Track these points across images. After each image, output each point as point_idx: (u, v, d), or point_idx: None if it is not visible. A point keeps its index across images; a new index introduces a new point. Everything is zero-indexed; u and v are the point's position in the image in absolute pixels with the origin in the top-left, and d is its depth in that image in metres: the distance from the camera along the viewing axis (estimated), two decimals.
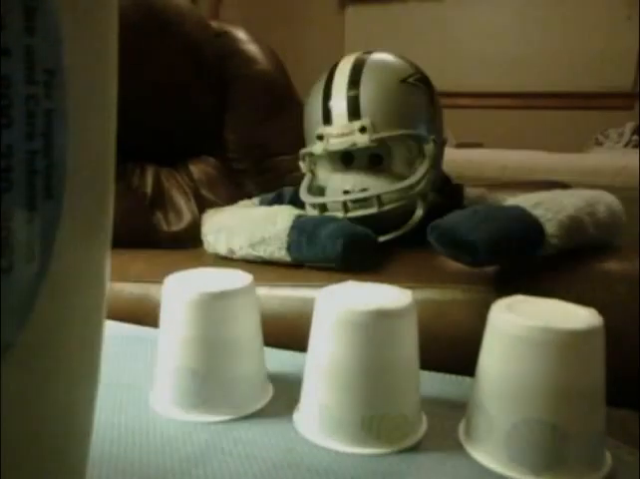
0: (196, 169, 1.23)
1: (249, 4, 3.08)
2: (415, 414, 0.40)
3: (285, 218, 0.76)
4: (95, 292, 0.22)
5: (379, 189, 0.80)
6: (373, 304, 0.37)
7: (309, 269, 0.72)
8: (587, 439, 0.36)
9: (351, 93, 0.82)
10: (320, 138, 0.83)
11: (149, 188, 1.11)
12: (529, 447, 0.35)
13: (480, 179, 1.43)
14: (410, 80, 0.85)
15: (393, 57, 0.88)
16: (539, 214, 0.64)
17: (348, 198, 0.80)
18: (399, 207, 0.81)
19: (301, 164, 0.90)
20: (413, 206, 0.83)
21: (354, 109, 0.82)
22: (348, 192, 0.81)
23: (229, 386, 0.42)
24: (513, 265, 0.66)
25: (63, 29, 0.17)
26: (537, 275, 0.66)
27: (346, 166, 0.85)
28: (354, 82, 0.83)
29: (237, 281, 0.42)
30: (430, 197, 0.84)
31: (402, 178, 0.82)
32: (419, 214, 0.82)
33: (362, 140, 0.80)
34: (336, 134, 0.82)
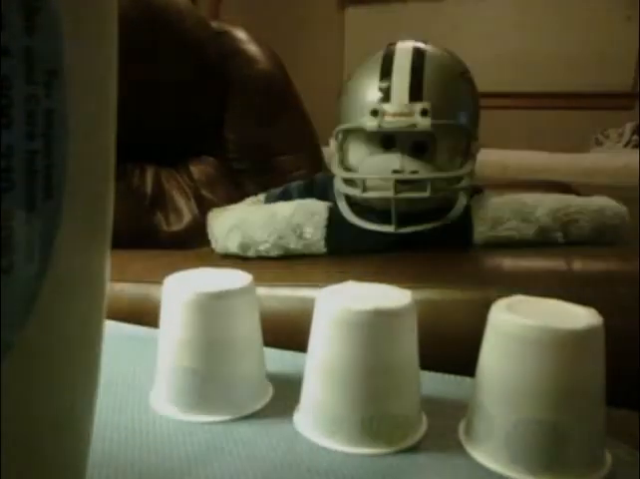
0: (196, 169, 1.23)
1: (249, 4, 3.08)
2: (415, 414, 0.40)
3: (320, 209, 0.77)
4: (95, 292, 0.22)
5: (429, 173, 0.78)
6: (372, 304, 0.37)
7: (309, 269, 0.72)
8: (587, 439, 0.36)
9: (415, 74, 0.79)
10: (375, 114, 0.78)
11: (149, 188, 1.11)
12: (529, 447, 0.35)
13: (481, 178, 1.43)
14: (466, 76, 0.85)
15: (447, 51, 0.87)
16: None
17: (399, 177, 0.77)
18: (445, 196, 0.81)
19: (332, 141, 0.87)
20: (450, 201, 0.82)
21: (417, 89, 0.78)
22: (397, 171, 0.78)
23: (229, 386, 0.42)
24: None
25: (63, 29, 0.17)
26: (537, 275, 0.66)
27: (386, 149, 0.82)
28: (418, 65, 0.80)
29: (237, 281, 0.42)
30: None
31: (443, 170, 0.81)
32: (460, 207, 0.81)
33: (424, 122, 0.76)
34: (394, 112, 0.78)
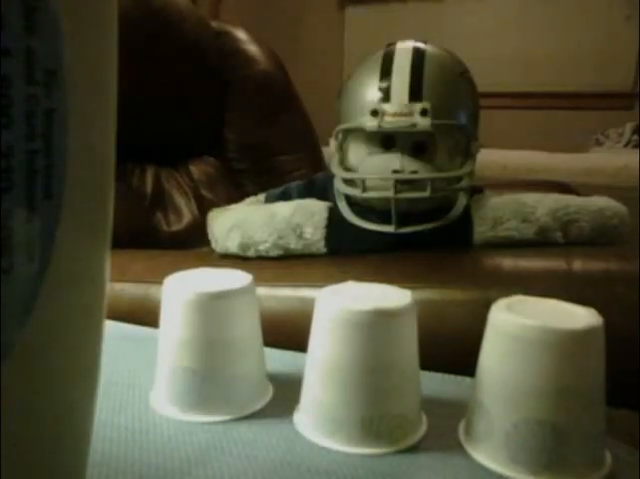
0: (196, 169, 1.23)
1: (249, 4, 3.08)
2: (415, 414, 0.40)
3: (320, 209, 0.77)
4: (95, 292, 0.22)
5: (429, 173, 0.78)
6: (372, 304, 0.37)
7: (309, 269, 0.72)
8: (587, 439, 0.36)
9: (415, 74, 0.79)
10: (375, 114, 0.78)
11: (149, 188, 1.11)
12: (529, 447, 0.35)
13: (480, 178, 1.43)
14: (465, 75, 0.85)
15: (447, 50, 0.87)
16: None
17: (399, 177, 0.77)
18: (445, 196, 0.81)
19: (332, 141, 0.87)
20: (450, 201, 0.82)
21: (417, 89, 0.79)
22: (397, 171, 0.78)
23: (229, 386, 0.42)
24: None
25: (63, 29, 0.17)
26: (537, 275, 0.66)
27: (386, 149, 0.82)
28: (417, 65, 0.80)
29: (237, 281, 0.42)
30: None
31: (443, 170, 0.81)
32: (460, 207, 0.81)
33: (424, 123, 0.77)
34: (394, 112, 0.78)
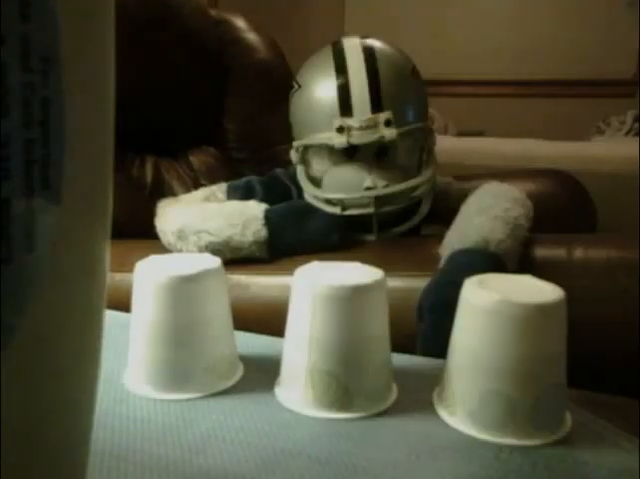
0: (196, 159, 1.23)
1: None
2: (388, 382, 0.43)
3: (256, 210, 0.77)
4: (95, 282, 0.22)
5: (396, 182, 0.79)
6: (351, 280, 0.40)
7: (308, 258, 0.72)
8: (549, 406, 0.38)
9: (373, 83, 0.79)
10: (340, 130, 0.78)
11: (148, 178, 1.11)
12: (493, 415, 0.37)
13: (481, 167, 1.43)
14: (414, 71, 0.84)
15: (392, 47, 0.85)
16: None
17: (376, 193, 0.77)
18: (419, 200, 0.81)
19: (293, 154, 0.86)
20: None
21: (377, 100, 0.78)
22: (370, 188, 0.78)
23: (201, 366, 0.43)
24: None
25: (59, 16, 0.17)
26: (535, 262, 0.66)
27: (349, 158, 0.81)
28: (373, 71, 0.79)
29: (207, 264, 0.44)
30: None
31: (406, 168, 0.82)
32: (425, 209, 0.82)
33: (390, 133, 0.77)
34: (359, 126, 0.78)
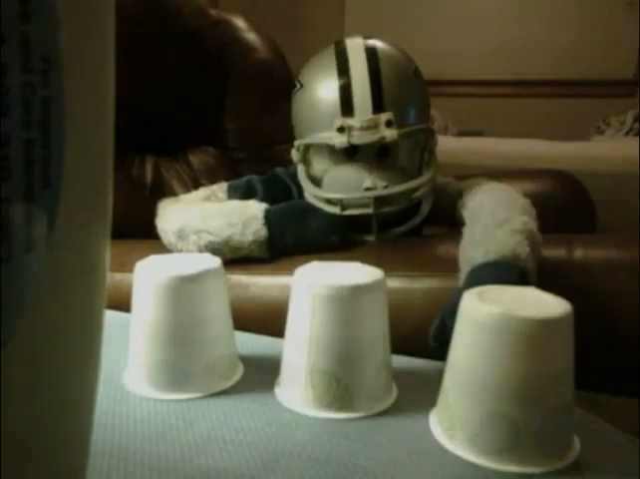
0: (196, 159, 1.23)
1: None
2: (388, 383, 0.43)
3: (256, 210, 0.76)
4: (95, 282, 0.22)
5: (396, 183, 0.79)
6: (351, 280, 0.40)
7: (308, 258, 0.72)
8: (554, 427, 0.35)
9: (375, 83, 0.78)
10: (341, 130, 0.78)
11: (148, 177, 1.11)
12: (493, 439, 0.35)
13: (481, 167, 1.43)
14: (417, 72, 0.84)
15: (394, 47, 0.85)
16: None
17: (376, 194, 0.77)
18: (419, 201, 0.81)
19: (294, 153, 0.86)
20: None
21: (378, 100, 0.78)
22: (370, 188, 0.78)
23: (201, 366, 0.44)
24: None
25: (59, 15, 0.17)
26: (538, 264, 0.66)
27: (349, 158, 0.81)
28: (375, 72, 0.79)
29: (207, 265, 0.44)
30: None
31: (407, 170, 0.81)
32: (425, 209, 0.81)
33: (391, 134, 0.76)
34: (360, 126, 0.77)
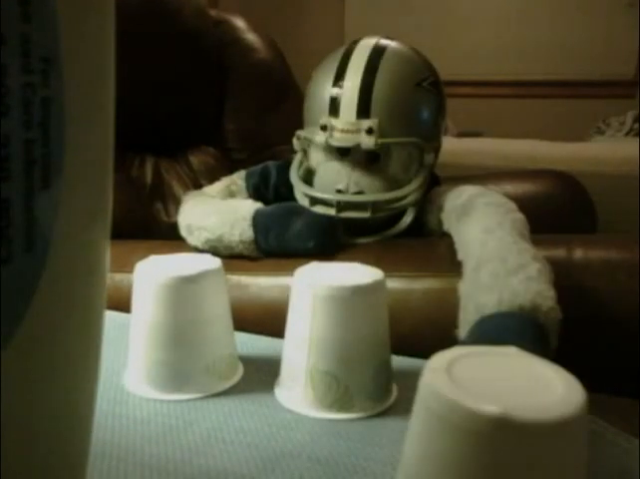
0: (196, 159, 1.23)
1: None
2: (388, 383, 0.43)
3: (246, 211, 0.76)
4: (95, 283, 0.22)
5: (374, 191, 0.79)
6: (351, 281, 0.40)
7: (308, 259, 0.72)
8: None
9: (365, 89, 0.78)
10: (324, 128, 0.79)
11: (148, 178, 1.11)
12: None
13: (481, 168, 1.43)
14: (424, 84, 0.82)
15: (411, 54, 0.84)
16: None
17: (341, 198, 0.78)
18: (390, 214, 0.80)
19: (295, 141, 0.87)
20: (400, 212, 0.81)
21: (365, 106, 0.78)
22: (341, 191, 0.79)
23: (204, 367, 0.44)
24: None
25: (59, 16, 0.17)
26: None
27: (341, 156, 0.82)
28: (370, 77, 0.79)
29: (206, 264, 0.44)
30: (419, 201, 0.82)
31: (396, 180, 0.81)
32: (406, 221, 0.80)
33: (368, 142, 0.76)
34: (341, 128, 0.78)
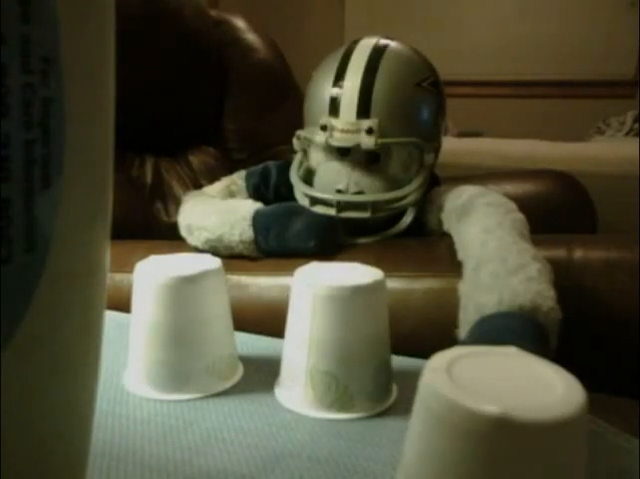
0: (196, 159, 1.23)
1: None
2: (388, 383, 0.43)
3: (246, 211, 0.76)
4: (95, 283, 0.22)
5: (374, 191, 0.79)
6: (351, 281, 0.40)
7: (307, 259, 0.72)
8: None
9: (365, 89, 0.78)
10: (324, 128, 0.79)
11: (148, 178, 1.11)
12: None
13: (481, 168, 1.43)
14: (424, 84, 0.82)
15: (411, 54, 0.84)
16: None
17: (341, 198, 0.78)
18: (390, 214, 0.80)
19: (295, 141, 0.87)
20: (400, 212, 0.81)
21: (365, 106, 0.78)
22: (341, 191, 0.79)
23: (204, 367, 0.44)
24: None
25: (59, 16, 0.17)
26: None
27: (342, 156, 0.82)
28: (370, 77, 0.79)
29: (206, 264, 0.44)
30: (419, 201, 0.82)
31: (396, 180, 0.81)
32: (406, 221, 0.81)
33: (368, 142, 0.76)
34: (341, 128, 0.78)
